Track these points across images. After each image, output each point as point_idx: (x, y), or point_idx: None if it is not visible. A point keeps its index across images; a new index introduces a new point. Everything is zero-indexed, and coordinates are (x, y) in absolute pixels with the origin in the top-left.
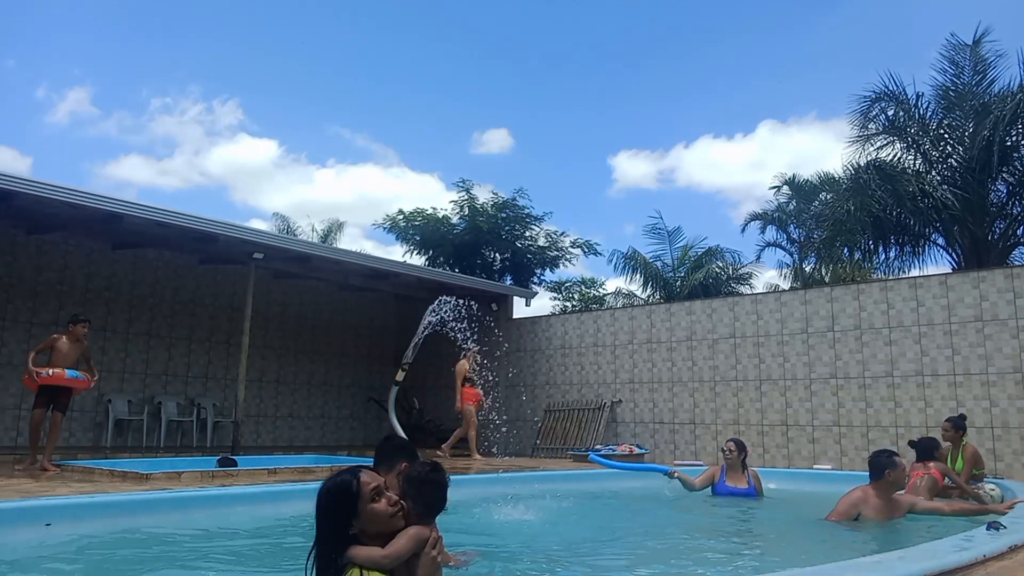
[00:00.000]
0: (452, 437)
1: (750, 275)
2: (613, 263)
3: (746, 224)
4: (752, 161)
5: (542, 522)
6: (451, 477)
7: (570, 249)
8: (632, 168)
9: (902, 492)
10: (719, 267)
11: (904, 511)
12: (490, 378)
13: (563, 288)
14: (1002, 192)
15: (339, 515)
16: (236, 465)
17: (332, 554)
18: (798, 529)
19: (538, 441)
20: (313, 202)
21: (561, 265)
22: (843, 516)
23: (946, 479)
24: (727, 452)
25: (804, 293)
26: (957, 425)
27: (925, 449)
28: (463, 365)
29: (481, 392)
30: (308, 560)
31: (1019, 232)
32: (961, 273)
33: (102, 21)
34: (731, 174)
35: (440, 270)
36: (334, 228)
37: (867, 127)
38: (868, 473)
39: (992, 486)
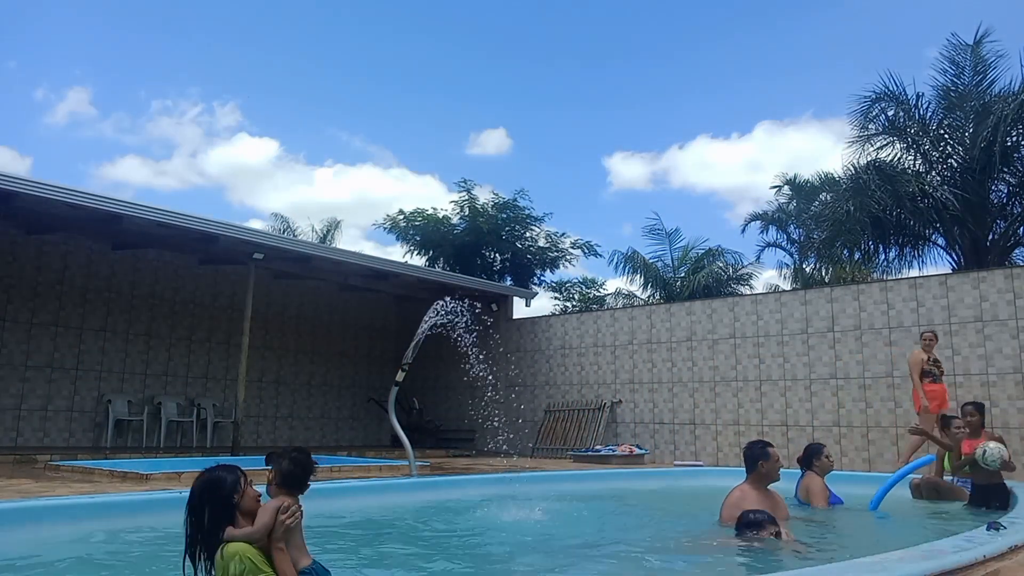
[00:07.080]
0: (913, 452)
1: (750, 275)
2: (613, 264)
3: (746, 224)
4: (748, 161)
5: (540, 522)
6: (450, 477)
7: (570, 250)
8: (627, 169)
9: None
10: (720, 267)
11: (786, 512)
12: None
13: (563, 288)
14: (1002, 192)
15: (227, 499)
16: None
17: (219, 534)
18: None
19: (538, 441)
20: (311, 203)
21: (561, 266)
22: (731, 520)
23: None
24: (829, 457)
25: (804, 293)
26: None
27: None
28: (917, 355)
29: (944, 387)
30: (187, 553)
31: (1020, 232)
32: (961, 273)
33: (102, 21)
34: (726, 175)
35: (440, 271)
36: (333, 228)
37: (867, 127)
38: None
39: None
